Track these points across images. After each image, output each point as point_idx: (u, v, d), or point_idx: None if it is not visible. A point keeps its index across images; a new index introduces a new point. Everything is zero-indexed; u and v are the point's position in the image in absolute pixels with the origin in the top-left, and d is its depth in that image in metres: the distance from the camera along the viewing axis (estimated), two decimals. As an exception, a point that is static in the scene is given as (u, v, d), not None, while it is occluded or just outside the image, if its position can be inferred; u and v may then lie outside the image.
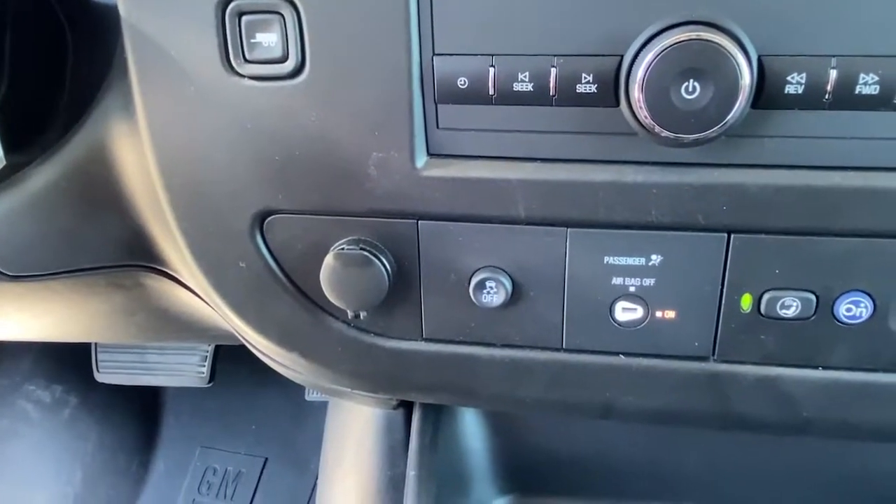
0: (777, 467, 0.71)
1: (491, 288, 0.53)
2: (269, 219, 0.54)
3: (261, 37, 0.48)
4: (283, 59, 0.49)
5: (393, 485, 0.72)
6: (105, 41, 0.56)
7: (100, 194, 0.59)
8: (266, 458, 1.55)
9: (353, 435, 0.78)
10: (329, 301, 0.54)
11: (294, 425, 1.56)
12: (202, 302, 0.64)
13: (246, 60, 0.49)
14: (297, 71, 0.49)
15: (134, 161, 0.56)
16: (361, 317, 0.55)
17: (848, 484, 0.72)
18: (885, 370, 0.52)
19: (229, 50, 0.49)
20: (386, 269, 0.53)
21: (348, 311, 0.55)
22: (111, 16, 0.52)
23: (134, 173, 0.57)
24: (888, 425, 0.54)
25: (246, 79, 0.49)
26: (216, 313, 0.63)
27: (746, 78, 0.42)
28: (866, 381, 0.52)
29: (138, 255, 0.63)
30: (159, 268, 0.64)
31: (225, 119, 0.51)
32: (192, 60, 0.50)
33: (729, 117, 0.43)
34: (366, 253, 0.52)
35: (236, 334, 0.63)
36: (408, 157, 0.50)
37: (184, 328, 0.75)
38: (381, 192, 0.51)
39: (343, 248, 0.53)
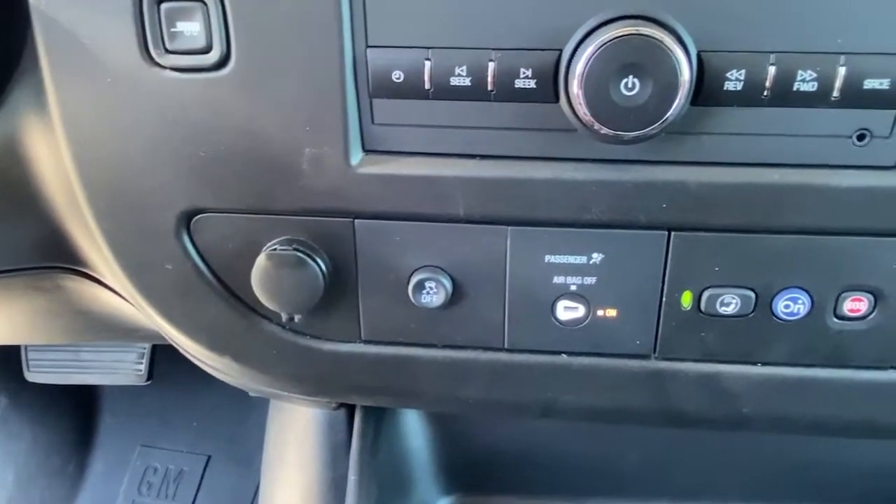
0: (723, 457, 0.72)
1: (430, 288, 0.52)
2: (197, 218, 0.51)
3: (182, 26, 0.45)
4: (207, 50, 0.46)
5: (335, 485, 0.71)
6: (13, 29, 0.52)
7: (12, 193, 0.55)
8: (209, 456, 1.51)
9: (295, 435, 0.76)
10: (262, 303, 0.52)
11: (238, 421, 1.52)
12: (128, 303, 0.60)
13: (167, 51, 0.46)
14: (221, 62, 0.46)
15: (49, 157, 0.52)
16: (296, 319, 0.53)
17: (796, 473, 0.73)
18: (822, 365, 0.52)
19: (148, 40, 0.46)
20: (321, 270, 0.51)
21: (282, 314, 0.53)
22: (20, 2, 0.49)
23: (49, 170, 0.53)
24: (825, 419, 0.54)
25: (167, 70, 0.46)
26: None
27: (686, 74, 0.41)
28: (803, 377, 0.52)
29: (57, 257, 0.59)
30: (80, 269, 0.60)
31: (145, 112, 0.48)
32: (109, 50, 0.47)
33: (668, 114, 0.42)
34: (299, 253, 0.50)
35: (166, 337, 0.60)
36: (342, 154, 0.48)
37: (112, 329, 0.71)
38: (315, 190, 0.49)
39: (275, 249, 0.50)
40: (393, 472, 0.68)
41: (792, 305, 0.50)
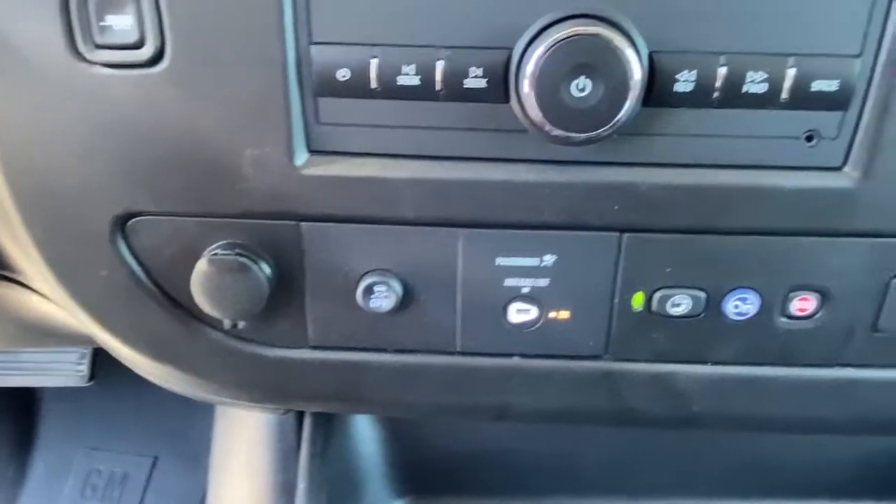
0: (682, 454, 0.72)
1: (380, 292, 0.50)
2: (132, 221, 0.49)
3: (112, 19, 0.43)
4: (140, 45, 0.43)
5: (284, 491, 0.69)
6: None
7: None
8: (156, 458, 1.47)
9: (243, 440, 0.74)
10: (204, 310, 0.50)
11: (185, 421, 1.48)
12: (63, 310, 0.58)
13: (96, 46, 0.43)
14: (156, 58, 0.43)
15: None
16: (240, 326, 0.51)
17: (755, 467, 0.74)
18: (771, 364, 0.52)
19: (76, 34, 0.43)
20: (265, 275, 0.49)
21: (225, 321, 0.51)
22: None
23: (-29, 173, 0.50)
24: (774, 417, 0.55)
25: (97, 66, 0.44)
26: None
27: (637, 75, 0.41)
28: (753, 375, 0.53)
29: (-18, 263, 0.56)
30: (8, 275, 0.57)
31: (75, 111, 0.45)
32: (35, 47, 0.44)
33: (619, 116, 0.41)
34: (242, 258, 0.48)
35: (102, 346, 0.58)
36: (286, 155, 0.46)
37: (46, 335, 0.68)
38: (258, 192, 0.47)
39: (217, 253, 0.48)
40: (343, 476, 0.66)
41: (741, 305, 0.50)
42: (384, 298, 0.50)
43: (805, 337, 0.51)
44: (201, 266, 0.48)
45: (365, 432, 0.68)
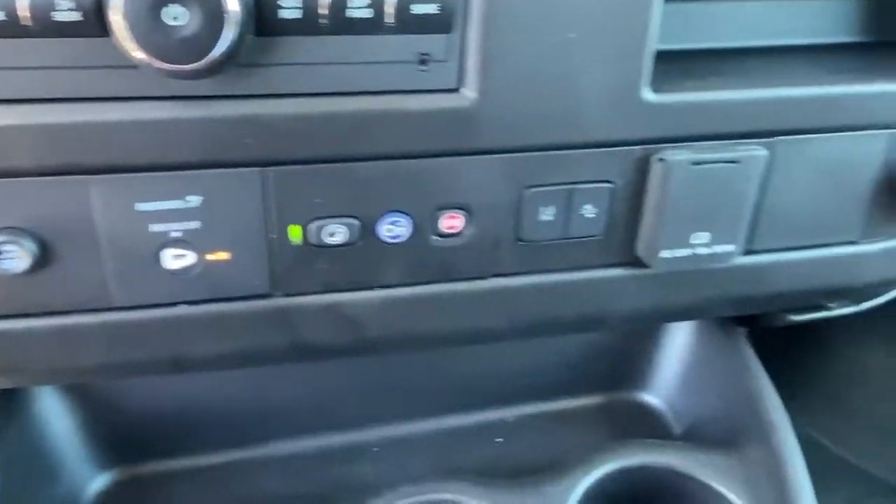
0: (382, 379, 0.75)
1: (9, 252, 0.46)
2: None
3: None
4: None
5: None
6: None
7: None
8: None
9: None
10: None
11: None
12: None
13: None
14: None
15: None
16: None
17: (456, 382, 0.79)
18: (432, 282, 0.55)
19: None
20: None
21: None
22: None
23: None
24: (445, 332, 0.58)
25: None
26: None
27: (233, 3, 0.40)
28: (417, 294, 0.56)
29: None
30: None
31: None
32: None
33: (220, 46, 0.40)
34: None
35: None
36: None
37: None
38: None
39: None
40: (29, 458, 0.61)
41: (394, 228, 0.52)
42: (16, 259, 0.46)
43: (458, 253, 0.54)
44: None
45: (52, 406, 0.63)
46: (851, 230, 0.61)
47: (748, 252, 0.60)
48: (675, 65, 0.56)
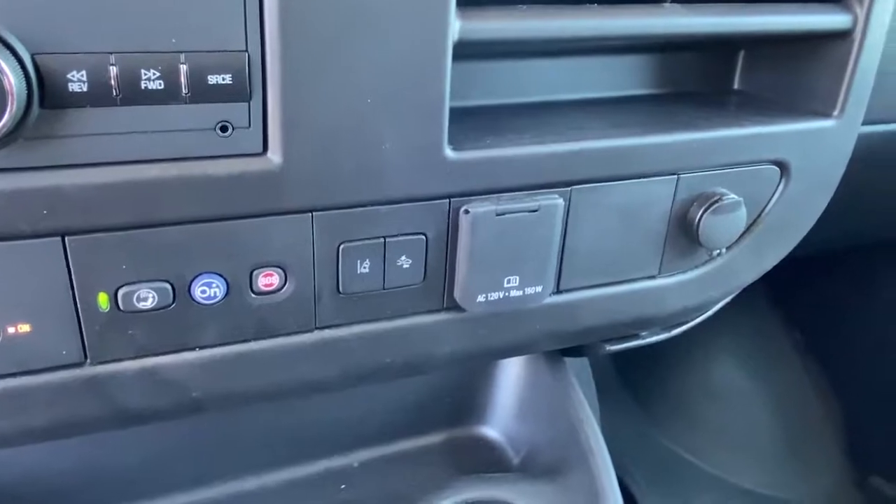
0: (220, 434, 0.74)
1: None
2: None
3: None
4: None
5: None
6: None
7: None
8: None
9: None
10: None
11: None
12: None
13: None
14: None
15: None
16: None
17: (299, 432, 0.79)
18: (254, 339, 0.56)
19: None
20: None
21: None
22: None
23: None
24: (270, 386, 0.59)
25: None
26: None
27: (12, 79, 0.40)
28: (240, 352, 0.56)
29: None
30: None
31: None
32: None
33: (3, 121, 0.40)
34: None
35: None
36: None
37: None
38: None
39: None
40: None
41: (208, 290, 0.53)
42: None
43: (278, 309, 0.55)
44: None
45: None
46: (650, 266, 0.67)
47: (558, 291, 0.65)
48: (478, 120, 0.61)
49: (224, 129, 0.48)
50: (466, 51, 0.53)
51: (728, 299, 0.79)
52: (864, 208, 1.05)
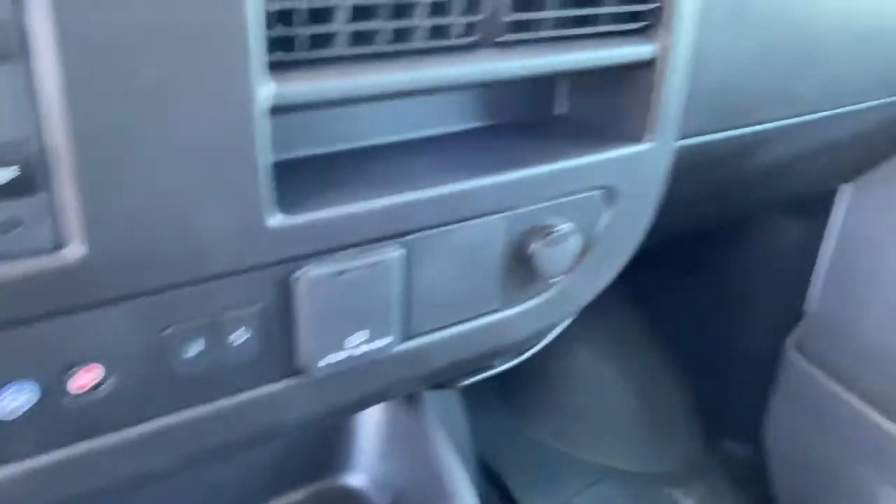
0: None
1: None
2: None
3: None
4: None
5: None
6: None
7: None
8: None
9: None
10: None
11: None
12: None
13: None
14: None
15: None
16: None
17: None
18: (78, 440, 0.51)
19: None
20: None
21: None
22: None
23: None
24: (102, 486, 0.54)
25: None
26: None
27: None
28: (61, 459, 0.51)
29: None
30: None
31: None
32: None
33: None
34: None
35: None
36: None
37: None
38: None
39: None
40: None
41: (20, 398, 0.48)
42: None
43: (103, 406, 0.51)
44: None
45: None
46: (493, 300, 0.68)
47: (407, 338, 0.64)
48: (308, 174, 0.59)
49: (9, 226, 0.43)
50: (290, 107, 0.50)
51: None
52: (690, 205, 1.12)
